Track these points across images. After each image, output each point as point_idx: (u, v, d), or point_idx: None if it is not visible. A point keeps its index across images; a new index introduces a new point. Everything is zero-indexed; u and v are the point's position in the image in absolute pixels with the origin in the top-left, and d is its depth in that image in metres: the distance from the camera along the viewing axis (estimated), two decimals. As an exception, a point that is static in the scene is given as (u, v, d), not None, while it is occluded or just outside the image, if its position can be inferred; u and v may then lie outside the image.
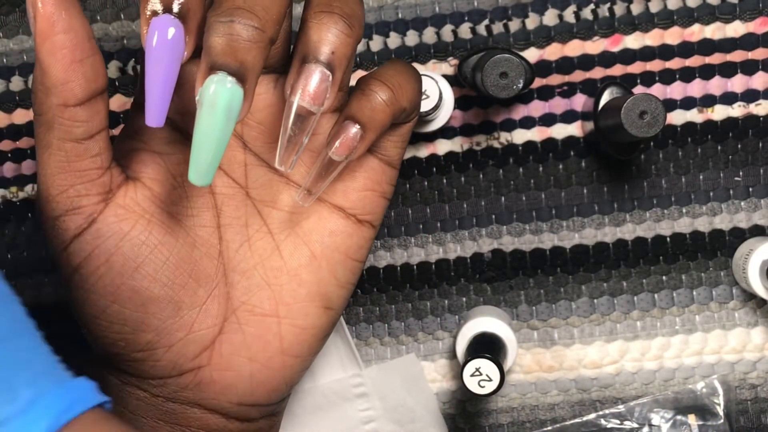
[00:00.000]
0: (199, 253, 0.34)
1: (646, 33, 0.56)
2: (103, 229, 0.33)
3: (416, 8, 0.56)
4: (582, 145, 0.56)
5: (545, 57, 0.56)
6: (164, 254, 0.33)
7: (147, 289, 0.33)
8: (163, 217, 0.33)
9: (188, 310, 0.34)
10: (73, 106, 0.30)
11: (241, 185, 0.34)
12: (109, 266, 0.33)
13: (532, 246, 0.57)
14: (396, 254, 0.57)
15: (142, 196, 0.34)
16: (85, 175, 0.32)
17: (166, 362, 0.34)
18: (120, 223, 0.33)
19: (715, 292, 0.57)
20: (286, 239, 0.35)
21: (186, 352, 0.34)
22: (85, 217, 0.33)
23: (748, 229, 0.56)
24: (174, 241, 0.33)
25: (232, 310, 0.35)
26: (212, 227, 0.34)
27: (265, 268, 0.35)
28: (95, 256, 0.33)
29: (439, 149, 0.57)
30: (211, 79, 0.29)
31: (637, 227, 0.56)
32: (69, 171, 0.32)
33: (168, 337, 0.34)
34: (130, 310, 0.33)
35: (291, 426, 0.57)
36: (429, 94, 0.51)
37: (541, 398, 0.57)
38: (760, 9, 0.55)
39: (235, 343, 0.35)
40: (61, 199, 0.33)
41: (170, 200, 0.33)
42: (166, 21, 0.28)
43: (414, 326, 0.58)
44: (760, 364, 0.57)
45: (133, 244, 0.33)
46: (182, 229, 0.34)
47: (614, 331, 0.57)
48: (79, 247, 0.33)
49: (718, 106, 0.56)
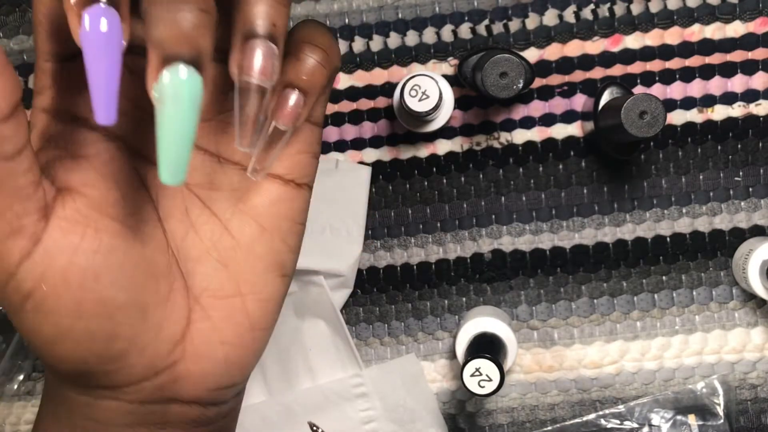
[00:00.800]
0: (150, 250, 0.33)
1: (646, 33, 0.56)
2: (51, 246, 0.31)
3: (416, 8, 0.56)
4: (582, 145, 0.56)
5: (545, 57, 0.56)
6: (119, 258, 0.32)
7: (112, 298, 0.32)
8: (106, 221, 0.32)
9: (153, 310, 0.33)
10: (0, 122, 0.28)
11: None
12: (67, 283, 0.31)
13: (532, 246, 0.57)
14: (396, 254, 0.57)
15: (81, 204, 0.32)
16: (20, 194, 0.30)
17: (141, 367, 0.34)
18: (67, 237, 0.31)
19: (715, 292, 0.57)
20: (232, 218, 0.35)
21: (159, 351, 0.34)
22: (28, 237, 0.30)
23: (748, 229, 0.56)
24: (124, 243, 0.32)
25: (195, 298, 0.34)
26: (154, 221, 0.34)
27: (218, 250, 0.35)
28: (49, 276, 0.31)
29: (439, 149, 0.57)
30: (168, 71, 0.27)
31: (637, 227, 0.56)
32: (4, 191, 0.29)
33: (139, 341, 0.33)
34: (97, 323, 0.32)
35: (291, 426, 0.57)
36: (429, 94, 0.51)
37: (541, 398, 0.57)
38: (760, 9, 0.55)
39: (205, 331, 0.35)
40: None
41: (108, 203, 0.32)
42: (100, 11, 0.26)
43: (414, 326, 0.57)
44: (760, 364, 0.57)
45: (86, 256, 0.31)
46: (128, 229, 0.33)
47: (614, 331, 0.57)
48: (29, 270, 0.31)
49: (718, 106, 0.56)
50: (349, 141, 0.57)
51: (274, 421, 0.57)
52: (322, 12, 0.56)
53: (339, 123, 0.57)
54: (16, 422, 0.59)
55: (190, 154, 0.28)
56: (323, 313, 0.56)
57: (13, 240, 0.30)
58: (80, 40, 0.27)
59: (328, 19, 0.56)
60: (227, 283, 0.35)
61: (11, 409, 0.59)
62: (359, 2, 0.56)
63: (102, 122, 0.27)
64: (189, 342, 0.34)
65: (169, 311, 0.34)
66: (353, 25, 0.56)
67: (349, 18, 0.56)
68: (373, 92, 0.57)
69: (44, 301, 0.31)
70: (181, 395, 0.35)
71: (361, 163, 0.57)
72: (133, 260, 0.32)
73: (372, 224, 0.57)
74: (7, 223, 0.30)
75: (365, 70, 0.57)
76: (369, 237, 0.57)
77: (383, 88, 0.57)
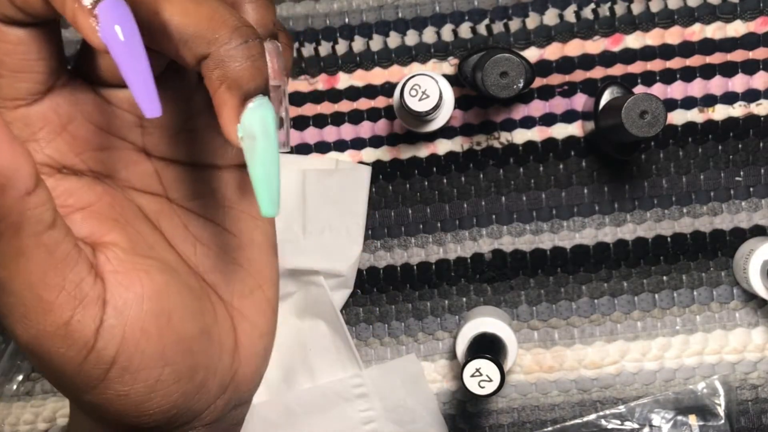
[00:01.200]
0: (184, 276, 0.33)
1: (647, 32, 0.55)
2: (120, 303, 0.29)
3: (416, 8, 0.56)
4: (582, 145, 0.56)
5: (546, 56, 0.56)
6: (175, 291, 0.31)
7: (186, 333, 0.31)
8: (146, 261, 0.31)
9: (212, 329, 0.33)
10: (34, 189, 0.26)
11: (161, 194, 0.33)
12: (147, 334, 0.30)
13: (532, 246, 0.57)
14: (396, 254, 0.57)
15: (118, 253, 0.31)
16: (69, 261, 0.28)
17: (216, 387, 0.33)
18: (130, 288, 0.30)
19: (716, 293, 0.56)
20: (226, 218, 0.34)
21: (225, 366, 0.33)
22: (95, 303, 0.29)
23: (748, 229, 0.56)
24: (169, 276, 0.31)
25: (230, 305, 0.35)
26: (169, 247, 0.33)
27: (227, 252, 0.34)
28: (129, 334, 0.29)
29: (440, 149, 0.57)
30: (252, 108, 0.27)
31: (638, 227, 0.56)
32: (55, 264, 0.27)
33: (212, 365, 0.32)
34: (182, 362, 0.31)
35: (291, 426, 0.57)
36: (429, 94, 0.50)
37: (542, 399, 0.57)
38: (760, 9, 0.55)
39: (247, 331, 0.35)
40: (62, 299, 0.28)
41: (136, 243, 0.31)
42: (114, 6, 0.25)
43: (414, 326, 0.57)
44: (761, 364, 0.56)
45: (153, 300, 0.30)
46: (161, 262, 0.32)
47: (615, 331, 0.57)
48: (107, 337, 0.29)
49: (718, 105, 0.56)
50: (349, 141, 0.57)
51: (274, 421, 0.57)
52: (322, 11, 0.56)
53: (339, 123, 0.57)
54: (15, 422, 0.59)
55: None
56: (323, 313, 0.56)
57: (82, 311, 0.28)
58: (101, 41, 0.26)
59: (328, 18, 0.56)
60: (248, 279, 0.35)
61: (10, 410, 0.59)
62: (359, 2, 0.56)
63: (150, 115, 0.26)
64: (240, 347, 0.34)
65: (221, 325, 0.33)
66: (353, 24, 0.56)
67: (349, 17, 0.56)
68: (373, 92, 0.57)
69: (130, 361, 0.29)
70: (241, 400, 0.35)
71: (361, 163, 0.57)
72: (183, 289, 0.32)
73: (372, 224, 0.57)
74: (70, 296, 0.28)
75: (365, 70, 0.56)
76: (369, 237, 0.57)
77: (383, 88, 0.57)
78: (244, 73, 0.27)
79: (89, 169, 0.31)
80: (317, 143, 0.57)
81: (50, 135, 0.30)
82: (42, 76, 0.29)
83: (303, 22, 0.56)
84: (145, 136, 0.32)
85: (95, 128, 0.30)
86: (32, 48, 0.28)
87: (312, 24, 0.57)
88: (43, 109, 0.29)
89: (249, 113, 0.27)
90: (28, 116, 0.29)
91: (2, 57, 0.28)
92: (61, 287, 0.28)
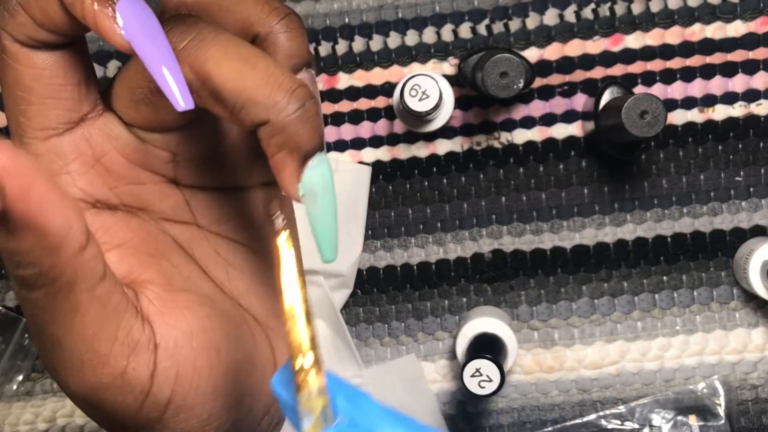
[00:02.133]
0: (222, 304, 0.33)
1: (647, 32, 0.55)
2: (170, 344, 0.29)
3: (416, 8, 0.56)
4: (582, 145, 0.56)
5: (546, 57, 0.56)
6: (218, 324, 0.31)
7: (233, 362, 0.31)
8: (186, 295, 0.31)
9: (254, 353, 0.33)
10: (87, 244, 0.26)
11: (191, 222, 0.33)
12: (199, 371, 0.30)
13: (532, 246, 0.57)
14: (396, 254, 0.57)
15: (159, 291, 0.30)
16: (119, 309, 0.28)
17: (261, 408, 0.33)
18: (176, 328, 0.29)
19: (716, 293, 0.56)
20: (254, 239, 0.34)
21: (267, 388, 0.33)
22: (147, 348, 0.28)
23: (749, 229, 0.56)
24: (210, 307, 0.31)
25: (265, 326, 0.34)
26: (205, 276, 0.33)
27: (259, 274, 0.34)
28: (182, 373, 0.29)
29: (440, 149, 0.57)
30: (312, 167, 0.27)
31: (638, 227, 0.56)
32: (108, 315, 0.27)
33: (256, 388, 0.32)
34: (232, 392, 0.31)
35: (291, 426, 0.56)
36: (429, 94, 0.50)
37: (542, 399, 0.57)
38: (760, 8, 0.55)
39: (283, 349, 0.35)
40: (116, 350, 0.27)
41: (173, 278, 0.31)
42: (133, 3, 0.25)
43: (414, 327, 0.57)
44: (761, 364, 0.56)
45: (200, 336, 0.30)
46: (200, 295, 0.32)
47: (615, 331, 0.57)
48: (162, 380, 0.29)
49: (718, 105, 0.56)
50: (349, 141, 0.57)
51: (274, 421, 0.57)
52: (322, 11, 0.56)
53: (338, 123, 0.57)
54: (15, 422, 0.59)
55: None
56: (323, 313, 0.56)
57: (136, 358, 0.28)
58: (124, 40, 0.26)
59: (328, 18, 0.56)
60: (275, 298, 0.35)
61: (10, 410, 0.59)
62: (359, 2, 0.56)
63: (184, 108, 0.26)
64: (278, 365, 0.34)
65: (260, 348, 0.33)
66: (353, 24, 0.56)
67: (349, 17, 0.56)
68: (373, 92, 0.57)
69: (185, 400, 0.29)
70: (281, 417, 0.35)
71: (360, 163, 0.57)
72: (224, 319, 0.31)
73: (372, 224, 0.57)
74: (123, 345, 0.28)
75: (365, 70, 0.56)
76: (369, 237, 0.57)
77: (383, 88, 0.56)
78: (304, 136, 0.27)
79: (122, 203, 0.31)
80: (317, 143, 0.57)
81: (83, 167, 0.29)
82: (72, 102, 0.28)
83: (303, 22, 0.56)
84: (177, 169, 0.31)
85: (128, 162, 0.30)
86: (60, 72, 0.28)
87: (312, 24, 0.57)
88: (75, 139, 0.29)
89: (309, 172, 0.27)
90: (60, 146, 0.29)
91: (30, 83, 0.27)
92: (114, 338, 0.28)
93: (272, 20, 0.30)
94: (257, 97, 0.26)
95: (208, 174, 0.32)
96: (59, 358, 0.27)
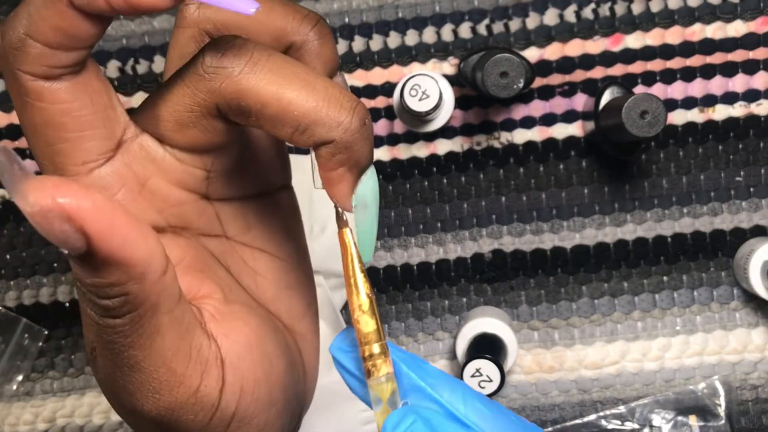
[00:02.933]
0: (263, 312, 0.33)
1: (647, 32, 0.55)
2: (234, 359, 0.30)
3: (416, 7, 0.56)
4: (583, 145, 0.56)
5: (546, 56, 0.56)
6: (265, 334, 0.32)
7: (282, 369, 0.32)
8: (239, 308, 0.31)
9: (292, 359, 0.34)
10: (167, 267, 0.26)
11: (221, 234, 0.33)
12: (258, 382, 0.30)
13: (532, 246, 0.57)
14: (396, 254, 0.57)
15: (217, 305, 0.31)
16: (192, 327, 0.28)
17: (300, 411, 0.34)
18: (237, 342, 0.30)
19: (716, 293, 0.56)
20: (275, 245, 0.34)
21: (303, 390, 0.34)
22: (215, 365, 0.29)
23: (749, 229, 0.56)
24: (258, 317, 0.32)
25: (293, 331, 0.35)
26: (240, 287, 0.33)
27: (283, 280, 0.34)
28: (246, 387, 0.30)
29: (440, 149, 0.57)
30: (366, 179, 0.28)
31: (638, 227, 0.56)
32: (183, 335, 0.27)
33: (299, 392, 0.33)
34: (283, 399, 0.32)
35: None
36: (429, 94, 0.50)
37: (542, 399, 0.57)
38: (761, 8, 0.55)
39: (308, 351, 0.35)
40: (191, 369, 0.28)
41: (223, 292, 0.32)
42: None
43: (414, 327, 0.57)
44: (761, 364, 0.56)
45: (258, 349, 0.31)
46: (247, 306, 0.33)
47: (615, 331, 0.57)
48: (229, 395, 0.29)
49: (719, 105, 0.56)
50: (349, 141, 0.57)
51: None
52: (322, 11, 0.56)
53: (339, 123, 0.57)
54: (15, 423, 0.59)
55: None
56: (323, 313, 0.56)
57: (208, 375, 0.29)
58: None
59: (328, 18, 0.56)
60: (301, 301, 0.35)
61: (10, 410, 0.59)
62: (359, 1, 0.56)
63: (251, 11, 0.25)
64: (307, 367, 0.35)
65: (295, 353, 0.34)
66: (353, 24, 0.56)
67: (349, 17, 0.56)
68: (373, 92, 0.57)
69: (246, 412, 0.30)
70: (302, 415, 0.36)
71: (361, 163, 0.57)
72: (268, 328, 0.32)
73: (372, 224, 0.57)
74: (196, 363, 0.28)
75: (365, 70, 0.56)
76: (369, 237, 0.57)
77: (383, 88, 0.56)
78: (364, 153, 0.28)
79: (169, 225, 0.31)
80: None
81: (130, 194, 0.29)
82: (106, 130, 0.28)
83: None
84: (210, 185, 0.31)
85: (169, 184, 0.30)
86: (87, 101, 0.27)
87: (312, 24, 0.57)
88: (117, 167, 0.29)
89: (363, 185, 0.28)
90: (103, 178, 0.28)
91: (62, 120, 0.27)
92: (189, 356, 0.28)
93: (306, 29, 0.30)
94: (322, 118, 0.27)
95: (236, 185, 0.32)
96: (135, 381, 0.27)
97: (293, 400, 0.33)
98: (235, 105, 0.26)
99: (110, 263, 0.24)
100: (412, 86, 0.50)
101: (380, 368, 0.28)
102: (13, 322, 0.58)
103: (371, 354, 0.28)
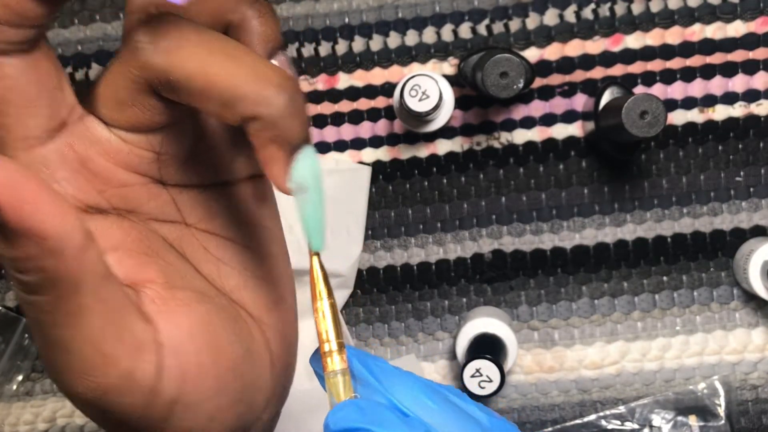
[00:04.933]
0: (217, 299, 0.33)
1: (647, 33, 0.55)
2: (175, 342, 0.29)
3: (416, 8, 0.56)
4: (582, 145, 0.56)
5: (546, 57, 0.56)
6: (216, 320, 0.31)
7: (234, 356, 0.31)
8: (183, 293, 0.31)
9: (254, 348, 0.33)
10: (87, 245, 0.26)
11: (179, 221, 0.33)
12: (202, 367, 0.30)
13: (532, 246, 0.57)
14: (396, 254, 0.57)
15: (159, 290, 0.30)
16: (123, 308, 0.28)
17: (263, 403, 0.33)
18: (179, 326, 0.30)
19: (716, 293, 0.56)
20: (243, 234, 0.34)
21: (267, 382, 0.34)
22: (152, 348, 0.28)
23: (749, 229, 0.56)
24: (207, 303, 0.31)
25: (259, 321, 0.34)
26: (197, 274, 0.33)
27: (250, 270, 0.34)
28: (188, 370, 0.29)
29: (440, 149, 0.57)
30: (301, 160, 0.27)
31: (638, 227, 0.56)
32: (112, 315, 0.27)
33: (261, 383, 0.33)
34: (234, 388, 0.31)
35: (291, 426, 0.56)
36: (429, 94, 0.50)
37: (542, 399, 0.57)
38: (761, 8, 0.55)
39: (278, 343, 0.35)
40: (121, 350, 0.27)
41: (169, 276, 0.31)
42: None
43: (414, 327, 0.57)
44: (761, 364, 0.56)
45: (202, 333, 0.30)
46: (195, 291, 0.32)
47: (615, 331, 0.57)
48: (169, 379, 0.29)
49: (719, 105, 0.56)
50: (349, 141, 0.57)
51: (274, 421, 0.57)
52: (322, 11, 0.56)
53: (338, 123, 0.57)
54: (15, 423, 0.59)
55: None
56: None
57: (141, 358, 0.28)
58: None
59: (328, 18, 0.56)
60: (271, 292, 0.35)
61: (10, 410, 0.59)
62: (359, 2, 0.56)
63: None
64: (275, 360, 0.34)
65: (257, 342, 0.34)
66: (353, 24, 0.56)
67: (349, 17, 0.56)
68: (373, 92, 0.57)
69: (190, 397, 0.29)
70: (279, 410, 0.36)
71: (360, 163, 0.57)
72: (221, 314, 0.32)
73: (372, 224, 0.57)
74: (128, 345, 0.28)
75: (365, 70, 0.56)
76: (369, 237, 0.57)
77: (383, 88, 0.56)
78: (294, 130, 0.27)
79: (112, 207, 0.31)
80: (317, 143, 0.57)
81: (70, 174, 0.29)
82: (51, 109, 0.28)
83: (303, 22, 0.56)
84: (161, 168, 0.31)
85: (114, 165, 0.30)
86: (34, 79, 0.27)
87: (312, 24, 0.57)
88: (59, 146, 0.29)
89: (299, 165, 0.28)
90: (44, 155, 0.29)
91: (6, 94, 0.27)
92: (119, 338, 0.27)
93: (244, 7, 0.30)
94: (246, 92, 0.26)
95: (193, 172, 0.32)
96: (64, 361, 0.27)
97: (252, 389, 0.32)
98: (164, 80, 0.27)
99: (21, 234, 0.24)
100: (412, 86, 0.50)
101: (335, 363, 0.29)
102: (13, 322, 0.58)
103: (330, 350, 0.30)
